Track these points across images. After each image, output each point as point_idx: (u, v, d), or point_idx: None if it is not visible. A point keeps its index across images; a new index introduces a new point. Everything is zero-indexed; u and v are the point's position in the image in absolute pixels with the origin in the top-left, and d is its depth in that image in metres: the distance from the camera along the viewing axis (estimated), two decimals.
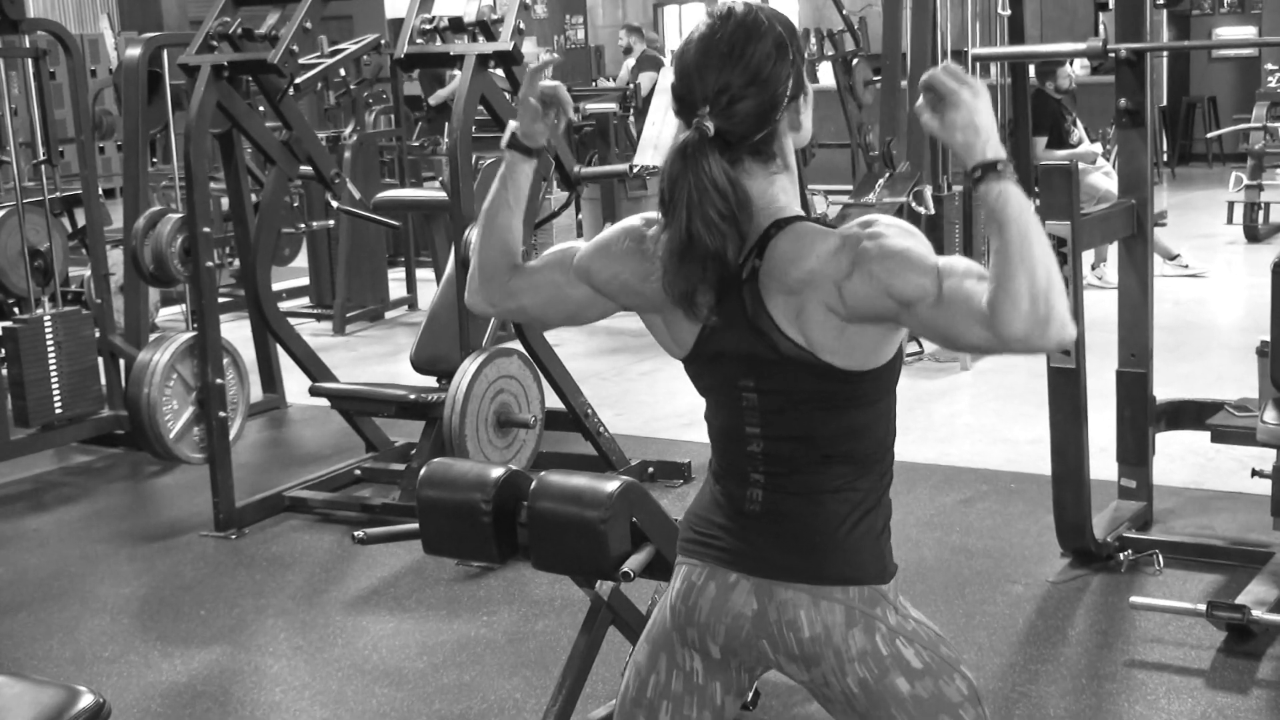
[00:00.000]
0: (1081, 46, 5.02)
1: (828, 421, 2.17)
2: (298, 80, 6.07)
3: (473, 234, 5.36)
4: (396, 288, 10.54)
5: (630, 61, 14.91)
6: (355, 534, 3.93)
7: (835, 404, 2.15)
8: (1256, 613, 4.21)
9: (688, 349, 2.23)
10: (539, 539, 3.37)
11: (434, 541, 3.71)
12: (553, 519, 3.31)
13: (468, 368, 5.44)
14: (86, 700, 2.42)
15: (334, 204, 6.86)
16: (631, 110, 10.40)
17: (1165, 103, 16.82)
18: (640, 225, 2.26)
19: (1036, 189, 10.86)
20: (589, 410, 6.01)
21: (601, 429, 6.03)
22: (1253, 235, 11.62)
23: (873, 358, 2.12)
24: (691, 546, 2.30)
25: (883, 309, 2.04)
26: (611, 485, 3.27)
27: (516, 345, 5.85)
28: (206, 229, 5.80)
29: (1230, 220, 11.85)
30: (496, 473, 3.43)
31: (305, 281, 10.62)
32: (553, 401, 5.92)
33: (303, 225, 9.04)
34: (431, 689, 4.31)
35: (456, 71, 10.01)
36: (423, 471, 3.62)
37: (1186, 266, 10.23)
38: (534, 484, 3.36)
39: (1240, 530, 5.17)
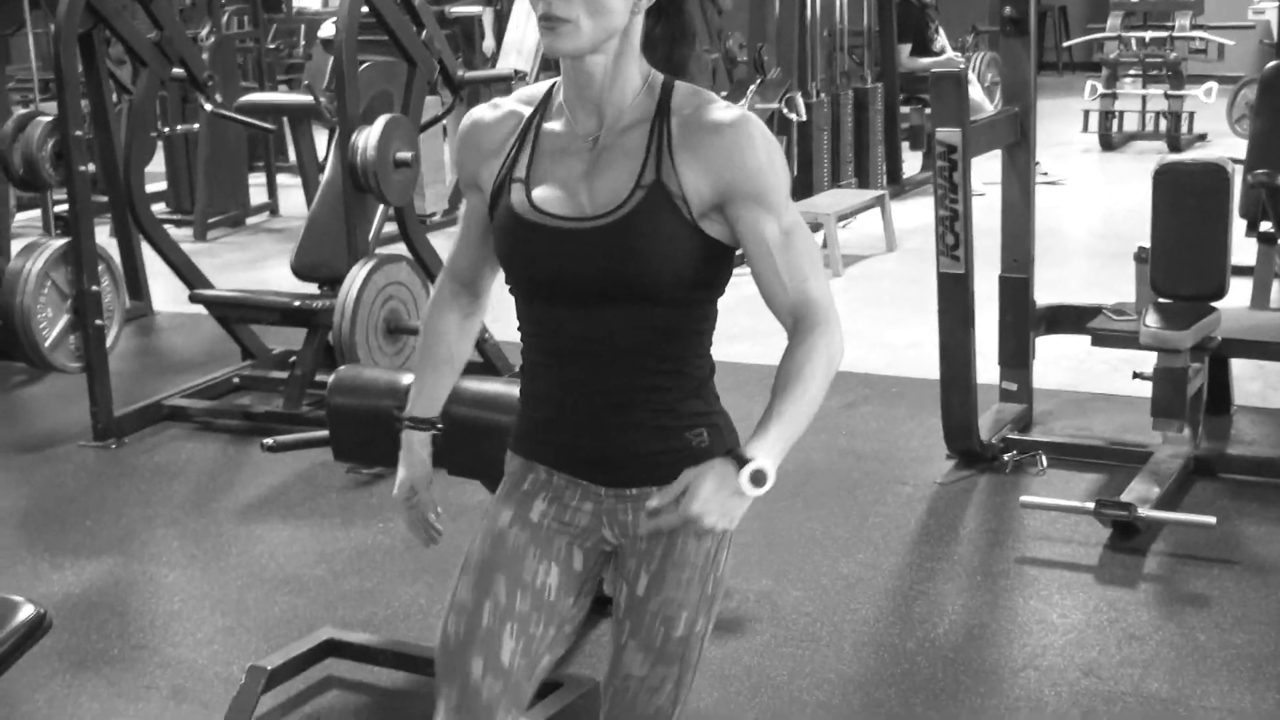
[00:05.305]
0: None
1: None
2: None
3: (360, 139, 5.31)
4: (257, 193, 10.34)
5: None
6: (265, 442, 3.90)
7: None
8: (1142, 510, 4.34)
9: None
10: (453, 445, 3.35)
11: (345, 449, 3.70)
12: (466, 425, 3.30)
13: (357, 274, 5.36)
14: (26, 612, 2.34)
15: (206, 107, 6.70)
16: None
17: None
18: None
19: (903, 94, 10.92)
20: None
21: (486, 334, 6.01)
22: (1107, 143, 11.86)
23: None
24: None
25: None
26: None
27: (404, 251, 5.79)
28: (79, 132, 5.65)
29: (1085, 128, 12.05)
30: (408, 379, 3.41)
31: (162, 186, 10.36)
32: None
33: (166, 129, 8.79)
34: (334, 595, 4.29)
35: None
36: (332, 379, 3.60)
37: (1045, 174, 10.40)
38: None
39: (1117, 431, 5.31)
